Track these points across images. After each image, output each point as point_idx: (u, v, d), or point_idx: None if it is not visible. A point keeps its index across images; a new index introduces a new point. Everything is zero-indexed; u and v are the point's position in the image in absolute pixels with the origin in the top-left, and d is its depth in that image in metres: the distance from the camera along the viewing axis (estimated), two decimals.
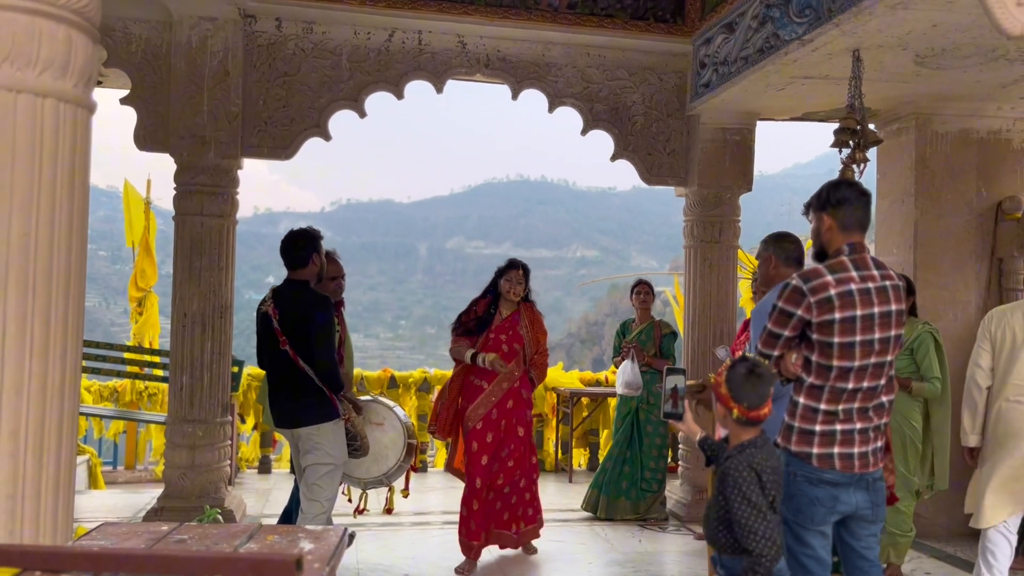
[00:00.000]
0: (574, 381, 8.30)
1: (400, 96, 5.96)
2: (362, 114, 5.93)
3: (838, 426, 2.91)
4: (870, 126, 5.16)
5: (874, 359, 2.93)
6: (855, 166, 4.81)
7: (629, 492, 6.17)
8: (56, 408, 2.34)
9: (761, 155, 6.85)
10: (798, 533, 2.97)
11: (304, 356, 4.08)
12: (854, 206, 3.00)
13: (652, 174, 6.38)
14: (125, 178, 8.84)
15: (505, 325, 5.04)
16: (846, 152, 4.84)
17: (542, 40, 6.08)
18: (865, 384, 2.92)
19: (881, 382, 2.97)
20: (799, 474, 2.91)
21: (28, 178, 2.20)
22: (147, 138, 5.58)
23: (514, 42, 6.06)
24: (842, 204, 3.00)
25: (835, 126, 4.94)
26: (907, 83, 5.34)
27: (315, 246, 4.29)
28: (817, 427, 2.92)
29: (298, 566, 1.77)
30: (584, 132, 6.34)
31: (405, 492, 4.96)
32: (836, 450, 2.91)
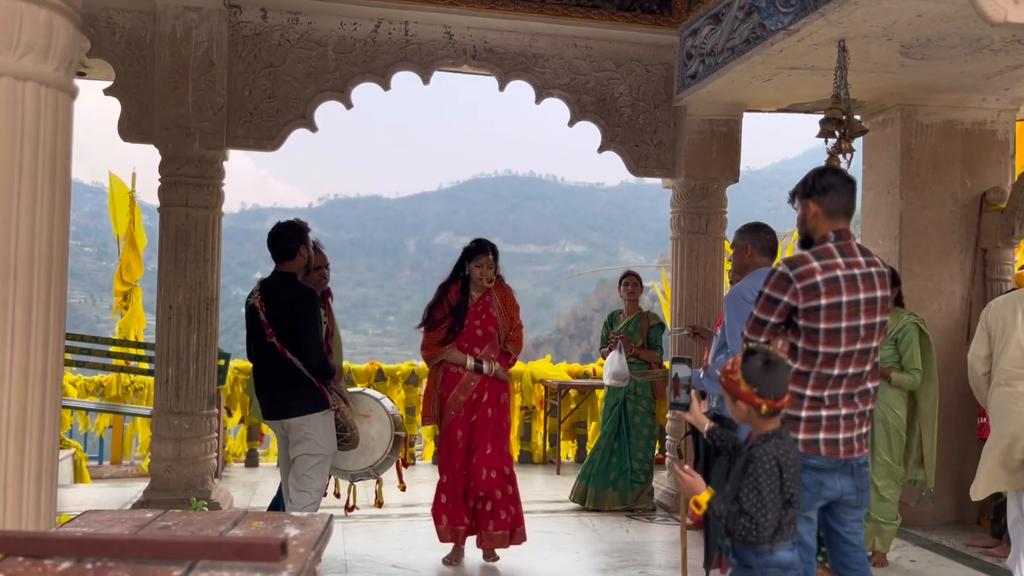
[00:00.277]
0: (562, 373, 8.30)
1: (387, 87, 5.94)
2: (348, 105, 5.91)
3: (824, 412, 2.93)
4: (856, 117, 5.17)
5: (859, 345, 2.94)
6: (841, 156, 4.83)
7: (617, 483, 6.18)
8: (38, 395, 2.32)
9: (749, 150, 6.88)
10: None
11: (291, 348, 4.09)
12: (839, 193, 3.02)
13: (639, 166, 6.39)
14: (110, 171, 8.78)
15: (478, 309, 4.82)
16: (832, 142, 4.86)
17: (529, 31, 6.07)
18: (851, 370, 2.93)
19: (866, 368, 2.99)
20: None
21: (8, 162, 2.18)
22: (131, 129, 5.55)
23: (501, 33, 6.05)
24: (827, 191, 3.02)
25: (821, 118, 4.95)
26: (892, 74, 5.36)
27: (302, 238, 4.29)
28: (803, 413, 2.93)
29: (283, 550, 1.76)
30: (571, 123, 6.34)
31: (401, 486, 4.93)
32: (822, 436, 2.92)
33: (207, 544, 1.78)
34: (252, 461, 7.80)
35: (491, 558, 4.88)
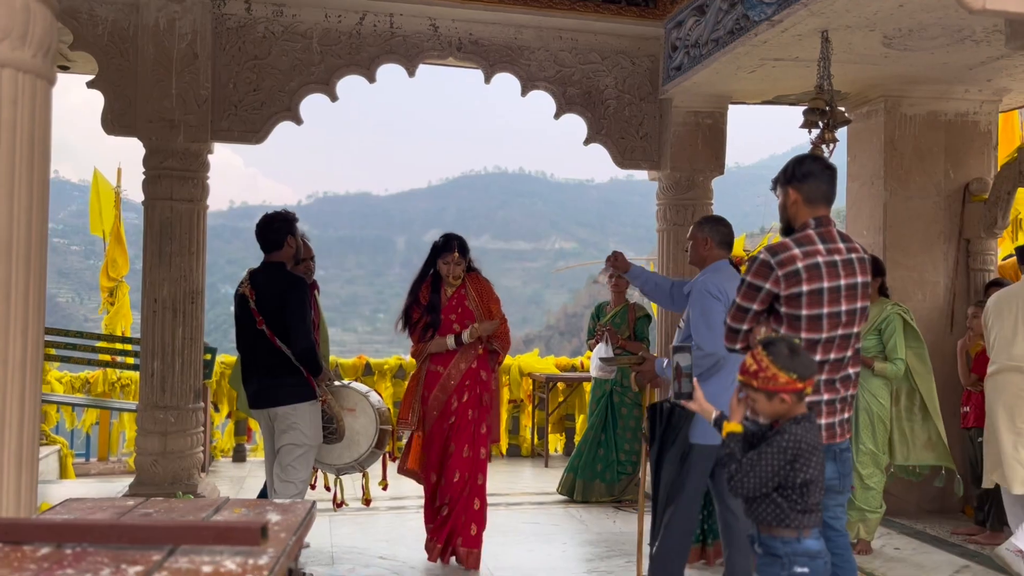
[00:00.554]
0: (549, 366, 8.32)
1: (372, 80, 5.93)
2: (333, 98, 5.90)
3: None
4: (840, 109, 5.20)
5: (841, 331, 2.96)
6: (824, 146, 4.85)
7: (604, 474, 6.20)
8: (18, 383, 2.31)
9: (737, 145, 6.92)
10: None
11: (281, 336, 4.12)
12: (819, 180, 3.03)
13: (625, 158, 6.40)
14: (95, 167, 8.74)
15: (452, 304, 4.65)
16: (815, 133, 4.88)
17: (514, 23, 6.07)
18: (832, 356, 2.95)
19: (848, 353, 3.00)
20: None
21: None
22: (115, 122, 5.52)
23: (486, 25, 6.04)
24: (807, 178, 3.03)
25: (805, 108, 4.97)
26: (876, 65, 5.38)
27: (290, 228, 4.33)
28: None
29: (263, 533, 1.76)
30: (557, 116, 6.34)
31: (383, 483, 4.86)
32: None
33: (187, 528, 1.78)
34: (240, 456, 7.79)
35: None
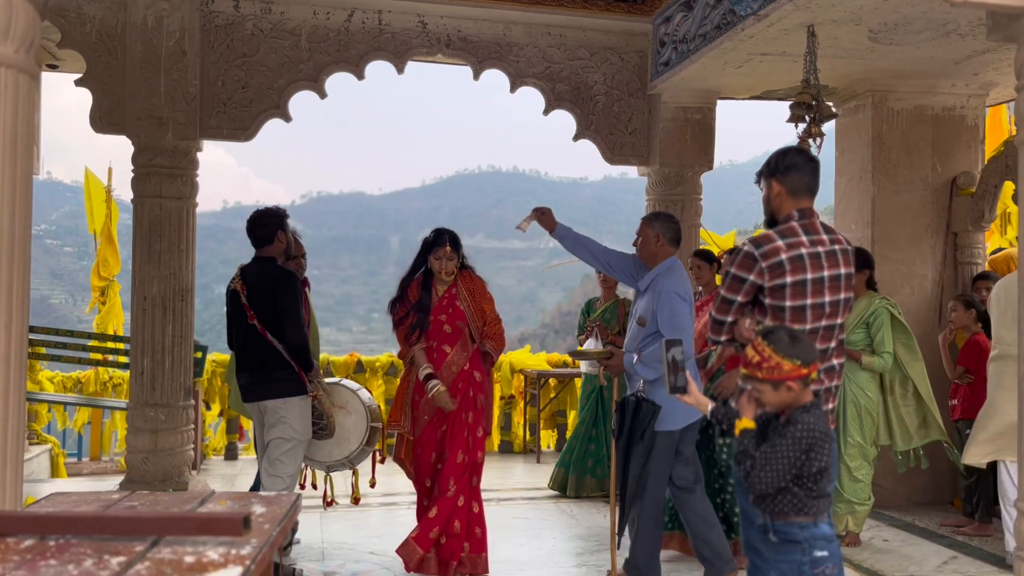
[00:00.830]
0: (541, 363, 8.33)
1: (360, 76, 5.93)
2: (322, 95, 5.90)
3: None
4: (828, 104, 5.22)
5: (825, 322, 2.98)
6: (811, 140, 4.87)
7: (595, 470, 6.21)
8: (1, 377, 2.32)
9: (732, 142, 6.94)
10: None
11: (272, 330, 4.14)
12: (802, 172, 3.05)
13: (614, 154, 6.42)
14: (86, 166, 8.71)
15: (443, 304, 4.42)
16: (802, 127, 4.90)
17: (503, 19, 6.08)
18: (816, 347, 2.96)
19: (832, 344, 3.02)
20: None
21: None
22: (103, 120, 5.52)
23: (475, 22, 6.05)
24: (790, 170, 3.05)
25: (791, 103, 4.99)
26: (862, 59, 5.40)
27: (280, 223, 4.35)
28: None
29: (245, 524, 1.76)
30: (546, 112, 6.35)
31: (372, 481, 4.82)
32: None
33: (170, 520, 1.78)
34: (231, 454, 7.78)
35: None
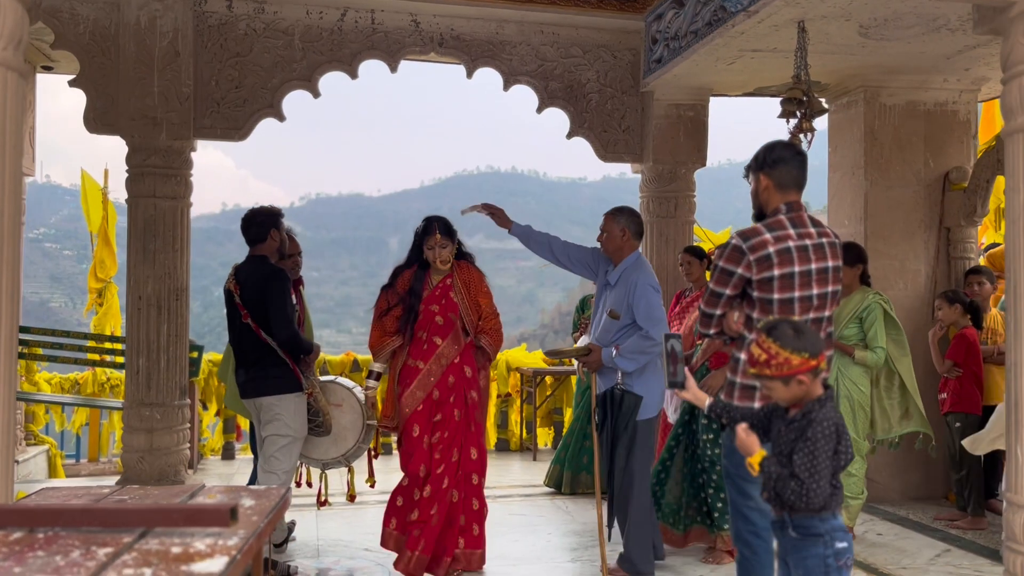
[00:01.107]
0: (537, 361, 8.33)
1: (354, 76, 5.96)
2: (316, 94, 5.92)
3: None
4: (820, 100, 5.24)
5: (812, 314, 2.99)
6: (802, 136, 4.89)
7: (590, 466, 6.21)
8: None
9: (730, 141, 6.95)
10: (741, 486, 3.04)
11: (265, 328, 4.17)
12: (790, 166, 3.07)
13: (608, 151, 6.43)
14: (82, 168, 8.73)
15: (436, 294, 4.24)
16: (793, 122, 4.92)
17: (496, 18, 6.09)
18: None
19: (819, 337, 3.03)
20: None
21: None
22: (97, 120, 5.54)
23: (467, 20, 6.07)
24: (778, 164, 3.07)
25: (782, 99, 5.01)
26: (854, 55, 5.42)
27: (274, 222, 4.38)
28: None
29: (232, 515, 1.78)
30: (539, 110, 6.37)
31: (370, 481, 4.66)
32: None
33: (158, 511, 1.80)
34: (228, 454, 7.80)
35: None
